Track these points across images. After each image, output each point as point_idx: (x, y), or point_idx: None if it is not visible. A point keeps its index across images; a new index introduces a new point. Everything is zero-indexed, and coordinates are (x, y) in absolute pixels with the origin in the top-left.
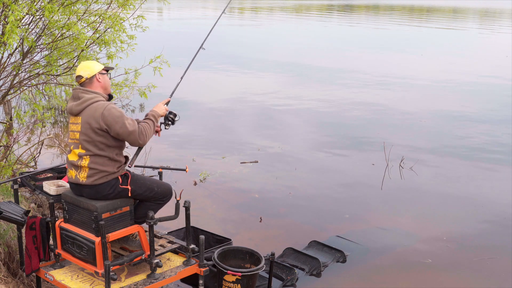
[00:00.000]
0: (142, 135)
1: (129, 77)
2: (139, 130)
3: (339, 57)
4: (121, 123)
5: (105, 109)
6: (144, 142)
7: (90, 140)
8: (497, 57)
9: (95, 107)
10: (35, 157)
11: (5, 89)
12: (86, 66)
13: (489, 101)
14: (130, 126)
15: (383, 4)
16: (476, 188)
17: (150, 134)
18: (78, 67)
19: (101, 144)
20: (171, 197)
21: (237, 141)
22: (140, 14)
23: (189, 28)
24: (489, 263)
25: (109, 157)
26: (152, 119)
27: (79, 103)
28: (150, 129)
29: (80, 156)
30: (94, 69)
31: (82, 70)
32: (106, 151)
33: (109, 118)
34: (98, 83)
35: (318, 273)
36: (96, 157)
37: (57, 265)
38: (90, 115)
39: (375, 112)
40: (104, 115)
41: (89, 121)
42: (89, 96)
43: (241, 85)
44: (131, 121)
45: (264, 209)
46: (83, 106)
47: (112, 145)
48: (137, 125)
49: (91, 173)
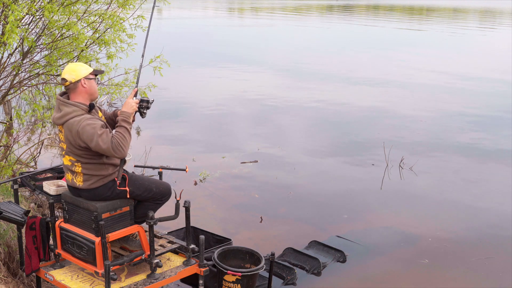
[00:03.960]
0: (118, 149)
1: (129, 77)
2: (113, 145)
3: (338, 57)
4: (94, 142)
5: (80, 127)
6: (122, 155)
7: (76, 153)
8: (497, 57)
9: (71, 124)
10: (35, 157)
11: (5, 89)
12: (72, 69)
13: (489, 101)
14: (103, 144)
15: (383, 4)
16: (476, 188)
17: (126, 143)
18: (64, 69)
19: (87, 154)
20: (170, 196)
21: (237, 141)
22: (140, 14)
23: (189, 28)
24: (486, 263)
25: (101, 162)
26: (123, 125)
27: (59, 116)
28: (125, 138)
29: (72, 162)
30: (80, 73)
31: (68, 73)
32: (95, 158)
33: (83, 136)
34: (82, 88)
35: (318, 273)
36: (88, 164)
37: (57, 265)
38: (68, 131)
39: (375, 112)
40: (79, 132)
41: (68, 137)
42: (68, 109)
43: (241, 85)
44: (105, 135)
45: (264, 209)
46: (63, 121)
47: (99, 153)
48: (110, 141)
49: (86, 177)
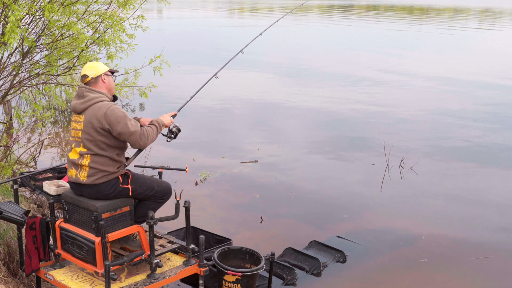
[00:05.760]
0: (144, 136)
1: (129, 77)
2: (141, 131)
3: (338, 57)
4: (123, 123)
5: (108, 109)
6: (145, 144)
7: (92, 139)
8: (497, 57)
9: (98, 106)
10: (35, 157)
11: (5, 89)
12: (92, 66)
13: (490, 101)
14: (132, 127)
15: (383, 4)
16: (475, 188)
17: (152, 137)
18: (84, 67)
19: (103, 143)
20: (170, 195)
21: (237, 141)
22: (140, 14)
23: (189, 28)
24: (485, 263)
25: (110, 157)
26: (156, 125)
27: (84, 101)
28: (153, 133)
29: (81, 154)
30: (100, 70)
31: (88, 69)
32: (107, 151)
33: (111, 118)
34: (103, 83)
35: (318, 273)
36: (97, 156)
37: (57, 265)
38: (93, 114)
39: (375, 112)
40: (107, 114)
41: (91, 120)
42: (93, 95)
43: (240, 85)
44: (134, 122)
45: (264, 209)
46: (87, 105)
47: (114, 145)
48: (139, 127)
49: (92, 172)
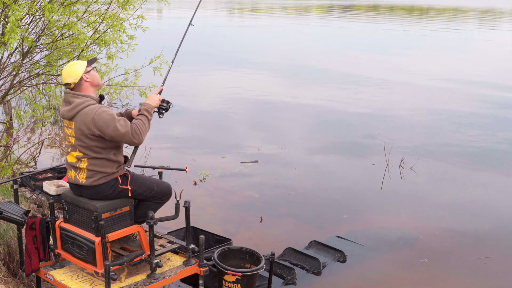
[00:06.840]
0: (136, 134)
1: (129, 77)
2: (132, 129)
3: (338, 57)
4: (112, 127)
5: (95, 114)
6: (140, 140)
7: (86, 145)
8: (497, 57)
9: (85, 113)
10: (35, 157)
11: (5, 89)
12: (71, 71)
13: (490, 101)
14: (122, 128)
15: (383, 4)
16: (475, 188)
17: (145, 130)
18: (63, 74)
19: (97, 148)
20: (170, 196)
21: (237, 141)
22: (140, 14)
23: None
24: (485, 263)
25: (107, 158)
26: (145, 114)
27: (71, 108)
28: (144, 126)
29: (78, 158)
30: (79, 72)
31: (68, 77)
32: (103, 153)
33: (99, 123)
34: (86, 83)
35: (318, 273)
36: (94, 159)
37: (57, 265)
38: (81, 121)
39: (375, 112)
40: (94, 120)
41: (81, 127)
42: (79, 100)
43: (240, 85)
44: (123, 121)
45: (264, 209)
46: (75, 112)
47: (109, 147)
48: (129, 126)
49: (90, 174)
